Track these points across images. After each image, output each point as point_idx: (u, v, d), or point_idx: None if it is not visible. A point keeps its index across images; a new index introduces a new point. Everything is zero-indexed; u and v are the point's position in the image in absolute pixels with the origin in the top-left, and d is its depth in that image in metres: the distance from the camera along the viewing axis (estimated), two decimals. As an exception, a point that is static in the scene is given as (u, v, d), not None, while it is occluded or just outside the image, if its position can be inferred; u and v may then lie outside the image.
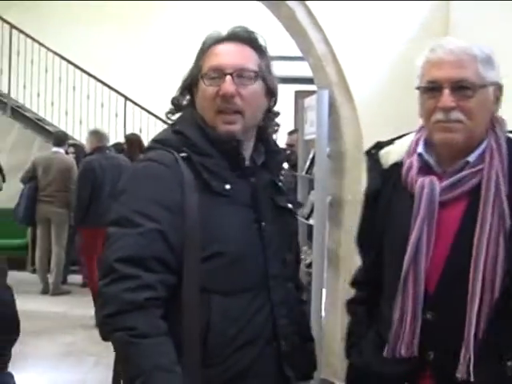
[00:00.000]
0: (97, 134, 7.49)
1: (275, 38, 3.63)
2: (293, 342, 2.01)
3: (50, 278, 8.59)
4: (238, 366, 1.89)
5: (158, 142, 2.01)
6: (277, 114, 2.09)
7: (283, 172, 2.18)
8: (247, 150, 2.01)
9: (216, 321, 1.86)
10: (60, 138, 8.76)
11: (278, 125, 2.09)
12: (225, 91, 1.90)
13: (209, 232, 1.86)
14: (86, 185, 7.12)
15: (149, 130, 9.89)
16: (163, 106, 2.02)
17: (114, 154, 7.64)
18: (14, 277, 8.31)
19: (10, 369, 2.81)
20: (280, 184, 2.11)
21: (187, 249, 1.83)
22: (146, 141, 9.05)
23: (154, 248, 1.81)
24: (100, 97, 10.32)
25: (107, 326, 1.81)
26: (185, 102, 2.07)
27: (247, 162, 2.01)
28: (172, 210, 1.84)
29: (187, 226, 1.83)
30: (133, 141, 8.29)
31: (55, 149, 8.68)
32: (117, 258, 1.80)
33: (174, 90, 2.11)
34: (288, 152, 6.33)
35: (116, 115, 10.35)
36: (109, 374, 2.07)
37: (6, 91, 10.45)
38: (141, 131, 9.71)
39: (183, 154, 1.91)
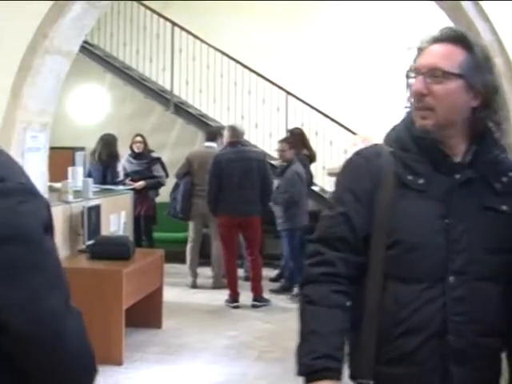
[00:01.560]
0: (231, 129, 7.92)
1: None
2: (470, 341, 2.00)
3: (209, 272, 8.76)
4: (401, 350, 2.00)
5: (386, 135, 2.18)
6: (494, 111, 2.06)
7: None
8: (455, 147, 2.07)
9: (389, 303, 2.01)
10: (213, 133, 8.91)
11: (498, 123, 2.08)
12: (414, 90, 2.03)
13: (395, 221, 2.02)
14: (214, 178, 7.72)
15: (310, 125, 9.74)
16: (324, 100, 1.89)
17: (246, 147, 8.06)
18: (175, 270, 8.54)
19: (176, 360, 2.66)
20: (498, 184, 2.08)
21: (375, 235, 2.03)
22: (308, 135, 8.92)
23: (338, 229, 2.06)
24: (261, 92, 10.26)
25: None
26: None
27: (458, 159, 2.06)
28: (359, 197, 2.06)
29: (377, 214, 2.03)
30: (296, 134, 8.53)
31: (208, 144, 8.82)
32: (314, 237, 2.12)
33: (334, 84, 1.96)
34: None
35: (277, 110, 10.22)
36: (270, 369, 2.19)
37: (169, 88, 10.61)
38: (302, 125, 9.57)
39: (391, 149, 2.09)
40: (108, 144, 9.02)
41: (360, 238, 2.04)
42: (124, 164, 9.21)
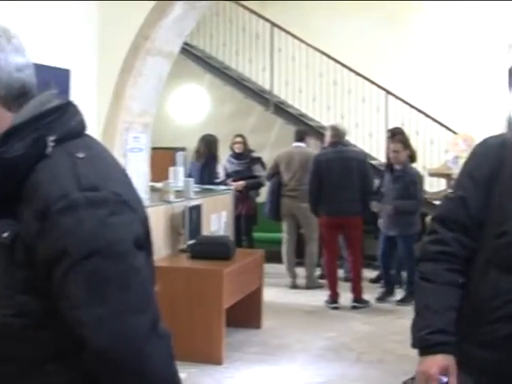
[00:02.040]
0: (333, 129, 7.88)
1: None
2: None
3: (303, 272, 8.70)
4: (492, 335, 2.02)
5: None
6: None
7: None
8: None
9: (486, 289, 2.05)
10: (301, 133, 8.93)
11: None
12: None
13: (508, 212, 2.03)
14: (314, 178, 7.70)
15: (411, 124, 9.56)
16: (424, 99, 1.86)
17: (346, 147, 7.98)
18: (274, 270, 8.52)
19: (275, 360, 2.67)
20: None
21: (488, 223, 2.06)
22: (409, 134, 8.76)
23: (456, 212, 2.12)
24: (361, 91, 10.12)
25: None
26: None
27: None
28: (478, 184, 2.09)
29: (492, 203, 2.05)
30: (397, 134, 8.35)
31: (296, 144, 8.81)
32: (434, 216, 2.25)
33: (434, 83, 1.88)
34: None
35: (377, 109, 10.08)
36: (369, 371, 2.26)
37: (268, 88, 10.60)
38: (403, 124, 9.39)
39: None
40: (209, 144, 9.09)
41: (475, 223, 2.09)
42: (225, 164, 9.27)
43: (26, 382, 1.45)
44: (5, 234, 1.38)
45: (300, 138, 8.82)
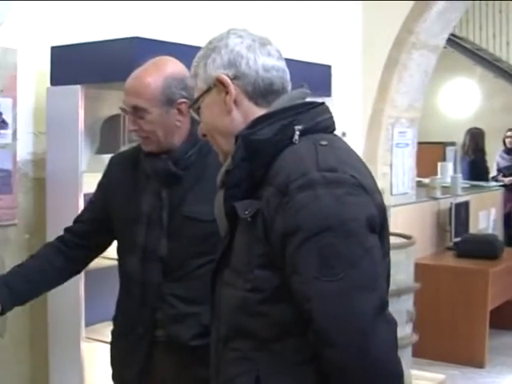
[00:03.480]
0: None
1: None
2: None
3: None
4: None
5: None
6: None
7: None
8: None
9: None
10: None
11: None
12: None
13: None
14: None
15: None
16: None
17: None
18: None
19: None
20: None
21: None
22: None
23: None
24: None
25: None
26: None
27: None
28: None
29: None
30: None
31: None
32: None
33: None
34: None
35: None
36: None
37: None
38: None
39: None
40: (475, 138, 8.80)
41: None
42: (497, 159, 8.92)
43: (257, 360, 1.50)
44: (246, 212, 1.47)
45: None
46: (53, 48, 3.06)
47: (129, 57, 2.63)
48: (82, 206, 2.84)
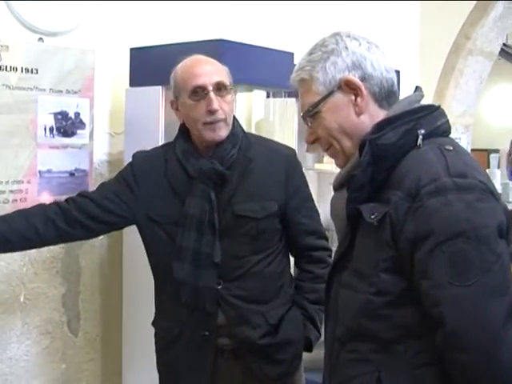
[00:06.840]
0: None
1: None
2: None
3: None
4: None
5: None
6: None
7: None
8: None
9: None
10: None
11: None
12: None
13: None
14: None
15: None
16: None
17: None
18: None
19: None
20: None
21: None
22: None
23: None
24: None
25: None
26: None
27: None
28: None
29: None
30: None
31: None
32: None
33: None
34: None
35: None
36: None
37: None
38: None
39: None
40: None
41: None
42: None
43: (376, 361, 1.50)
44: (373, 216, 1.47)
45: None
46: (132, 50, 3.09)
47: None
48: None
